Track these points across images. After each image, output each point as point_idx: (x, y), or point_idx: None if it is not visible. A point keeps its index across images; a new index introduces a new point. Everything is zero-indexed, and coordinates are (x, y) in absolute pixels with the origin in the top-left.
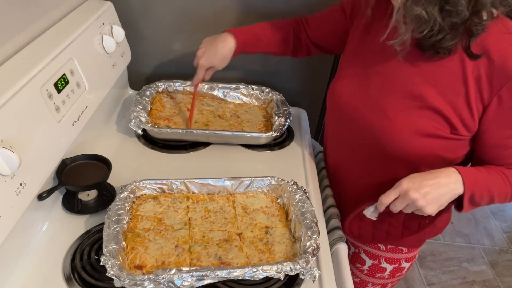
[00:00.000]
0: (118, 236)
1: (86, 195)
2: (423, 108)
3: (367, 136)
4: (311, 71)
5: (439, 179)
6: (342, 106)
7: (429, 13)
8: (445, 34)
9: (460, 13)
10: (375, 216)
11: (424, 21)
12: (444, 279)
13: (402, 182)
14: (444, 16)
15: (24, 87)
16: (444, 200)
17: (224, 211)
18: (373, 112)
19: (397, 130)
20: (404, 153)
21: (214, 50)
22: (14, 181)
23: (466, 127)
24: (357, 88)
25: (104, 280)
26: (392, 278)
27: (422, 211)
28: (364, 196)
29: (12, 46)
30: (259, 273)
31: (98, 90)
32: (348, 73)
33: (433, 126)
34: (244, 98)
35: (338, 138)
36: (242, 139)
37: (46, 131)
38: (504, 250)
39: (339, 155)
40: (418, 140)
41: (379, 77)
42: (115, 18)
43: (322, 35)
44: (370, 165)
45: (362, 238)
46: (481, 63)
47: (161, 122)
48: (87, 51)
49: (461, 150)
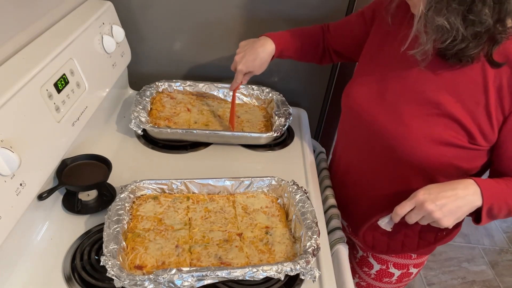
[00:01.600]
0: (118, 236)
1: (86, 195)
2: (440, 116)
3: (381, 142)
4: (311, 71)
5: (457, 191)
6: (357, 110)
7: (451, 23)
8: (468, 43)
9: (484, 22)
10: (390, 227)
11: (446, 31)
12: (444, 279)
13: (418, 193)
14: (467, 26)
15: (24, 87)
16: (462, 212)
17: (224, 211)
18: (389, 117)
19: (413, 137)
20: (418, 161)
21: (254, 55)
22: (14, 181)
23: (484, 137)
24: (373, 93)
25: (104, 280)
26: (399, 283)
27: (438, 223)
28: (375, 202)
29: (12, 46)
30: (259, 273)
31: (98, 90)
32: (365, 78)
33: (450, 135)
34: (244, 98)
35: (352, 142)
36: (242, 139)
37: (46, 131)
38: (504, 250)
39: (351, 160)
40: (434, 148)
41: (397, 83)
42: (115, 18)
43: (342, 42)
44: (383, 171)
45: (376, 249)
46: (503, 72)
47: (161, 122)
48: (87, 51)
49: (478, 160)
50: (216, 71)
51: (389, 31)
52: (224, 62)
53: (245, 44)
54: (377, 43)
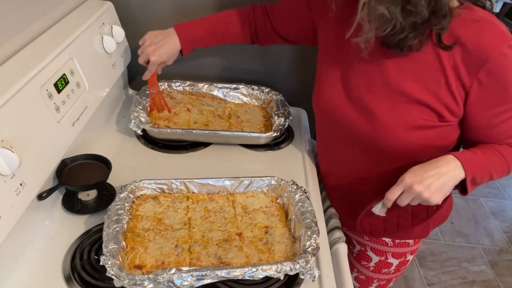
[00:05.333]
0: (118, 236)
1: (86, 195)
2: (409, 103)
3: (359, 139)
4: (311, 71)
5: (439, 169)
6: (329, 112)
7: (391, 13)
8: (408, 33)
9: (420, 13)
10: (383, 212)
11: (386, 20)
12: (444, 279)
13: (405, 177)
14: (405, 16)
15: (24, 87)
16: (448, 187)
17: (224, 211)
18: (361, 114)
19: (389, 128)
20: (399, 149)
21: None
22: (14, 181)
23: (452, 114)
24: (340, 92)
25: (104, 280)
26: (397, 273)
27: (428, 201)
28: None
29: (12, 46)
30: (259, 273)
31: (98, 90)
32: (329, 77)
33: (422, 118)
34: (244, 98)
35: (329, 144)
36: (242, 139)
37: (46, 131)
38: (504, 250)
39: (332, 161)
40: (411, 134)
41: (360, 78)
42: (115, 18)
43: (286, 27)
44: (366, 165)
45: (374, 233)
46: (455, 52)
47: (161, 122)
48: (87, 51)
49: (452, 135)
50: (216, 71)
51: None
52: (224, 62)
53: (153, 36)
54: (332, 35)
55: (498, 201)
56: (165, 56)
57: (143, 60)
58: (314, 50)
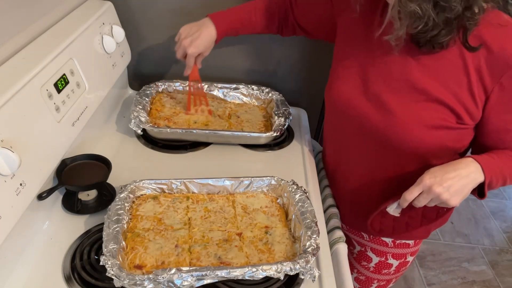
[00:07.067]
0: (118, 236)
1: (86, 195)
2: (428, 101)
3: (372, 135)
4: (311, 71)
5: (460, 171)
6: (343, 106)
7: (423, 9)
8: (440, 30)
9: (454, 8)
10: (398, 212)
11: (418, 17)
12: (444, 279)
13: (424, 178)
14: (438, 12)
15: (24, 87)
16: (467, 190)
17: (224, 211)
18: (377, 109)
19: (405, 125)
20: (412, 147)
21: (201, 38)
22: (14, 181)
23: (470, 116)
24: (357, 87)
25: (104, 280)
26: (397, 273)
27: (446, 203)
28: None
29: (12, 46)
30: (259, 273)
31: (98, 90)
32: (346, 71)
33: (439, 117)
34: (244, 98)
35: (340, 139)
36: (242, 139)
37: (46, 131)
38: (504, 250)
39: (341, 157)
40: (426, 133)
41: (379, 73)
42: (115, 18)
43: (308, 19)
44: (376, 163)
45: (383, 232)
46: (480, 54)
47: (161, 122)
48: (87, 51)
49: (467, 138)
50: (216, 71)
51: (362, 21)
52: (224, 62)
53: (188, 28)
54: (351, 31)
55: (498, 201)
56: (202, 46)
57: (180, 54)
58: (314, 50)
